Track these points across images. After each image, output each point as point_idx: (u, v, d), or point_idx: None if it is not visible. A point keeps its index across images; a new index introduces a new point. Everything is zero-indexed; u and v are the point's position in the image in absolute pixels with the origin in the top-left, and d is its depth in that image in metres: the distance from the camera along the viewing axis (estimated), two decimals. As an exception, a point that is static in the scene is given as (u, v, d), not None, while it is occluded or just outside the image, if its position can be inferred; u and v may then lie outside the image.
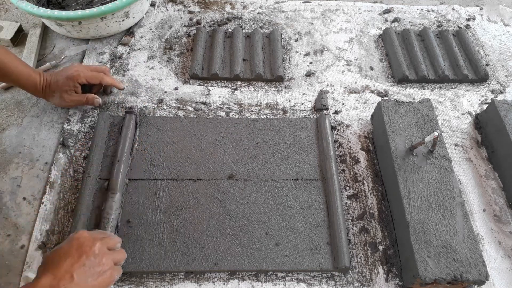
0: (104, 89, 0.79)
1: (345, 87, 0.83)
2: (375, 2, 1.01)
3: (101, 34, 0.86)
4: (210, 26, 0.93)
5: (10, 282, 0.58)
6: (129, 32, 0.90)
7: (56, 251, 0.49)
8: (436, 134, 0.62)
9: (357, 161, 0.72)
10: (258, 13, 0.96)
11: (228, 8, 0.97)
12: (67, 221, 0.64)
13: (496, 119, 0.72)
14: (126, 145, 0.69)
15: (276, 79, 0.83)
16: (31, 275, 0.58)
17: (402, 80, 0.84)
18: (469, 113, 0.80)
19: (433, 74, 0.84)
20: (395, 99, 0.73)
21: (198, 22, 0.93)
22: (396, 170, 0.64)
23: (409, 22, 0.96)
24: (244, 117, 0.77)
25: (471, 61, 0.86)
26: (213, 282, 0.60)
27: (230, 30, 0.91)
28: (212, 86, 0.82)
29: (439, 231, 0.58)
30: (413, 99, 0.81)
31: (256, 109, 0.79)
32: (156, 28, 0.92)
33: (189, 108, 0.78)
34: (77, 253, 0.48)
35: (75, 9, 0.87)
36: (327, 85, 0.83)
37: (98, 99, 0.74)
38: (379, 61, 0.88)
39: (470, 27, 0.95)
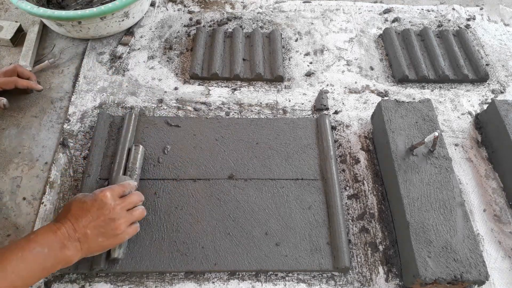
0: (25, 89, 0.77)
1: (345, 87, 0.83)
2: (375, 2, 1.01)
3: (101, 34, 0.86)
4: (210, 26, 0.93)
5: (10, 282, 0.58)
6: (129, 32, 0.90)
7: (79, 202, 0.54)
8: (436, 134, 0.61)
9: (357, 161, 0.72)
10: (258, 13, 0.96)
11: (228, 8, 0.97)
12: (67, 221, 0.64)
13: (496, 119, 0.71)
14: (126, 145, 0.69)
15: (276, 79, 0.82)
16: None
17: (402, 80, 0.84)
18: (469, 113, 0.80)
19: (433, 74, 0.84)
20: (395, 99, 0.73)
21: (198, 22, 0.93)
22: (396, 170, 0.64)
23: (409, 22, 0.96)
24: (244, 117, 0.77)
25: (471, 61, 0.86)
26: (213, 282, 0.60)
27: (230, 30, 0.90)
28: (212, 86, 0.82)
29: (439, 231, 0.58)
30: (413, 99, 0.81)
31: (256, 109, 0.79)
32: (156, 28, 0.92)
33: (189, 108, 0.78)
34: (97, 213, 0.53)
35: (75, 9, 0.86)
36: (327, 85, 0.83)
37: (3, 100, 0.74)
38: (379, 61, 0.88)
39: (470, 27, 0.95)
